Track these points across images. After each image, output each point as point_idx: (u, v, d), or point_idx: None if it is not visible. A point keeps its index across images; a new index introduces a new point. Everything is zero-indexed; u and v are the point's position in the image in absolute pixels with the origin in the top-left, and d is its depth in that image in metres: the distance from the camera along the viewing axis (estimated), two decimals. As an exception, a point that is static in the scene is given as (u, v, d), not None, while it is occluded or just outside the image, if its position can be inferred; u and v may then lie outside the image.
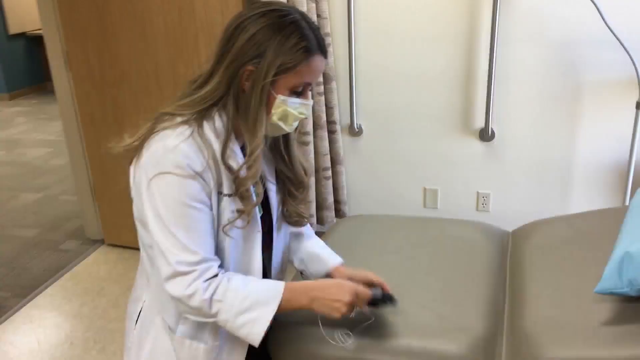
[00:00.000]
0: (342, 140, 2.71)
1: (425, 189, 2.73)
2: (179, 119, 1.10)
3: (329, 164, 2.66)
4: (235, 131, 1.13)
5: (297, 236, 1.41)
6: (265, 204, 1.24)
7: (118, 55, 2.60)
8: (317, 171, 2.65)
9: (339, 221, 1.97)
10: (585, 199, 2.53)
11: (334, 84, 2.56)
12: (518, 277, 1.54)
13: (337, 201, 2.77)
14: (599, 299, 1.28)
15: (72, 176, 3.09)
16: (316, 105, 2.53)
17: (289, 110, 1.12)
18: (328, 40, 2.48)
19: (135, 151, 1.12)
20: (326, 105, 2.58)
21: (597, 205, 2.52)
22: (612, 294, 1.22)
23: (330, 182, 2.68)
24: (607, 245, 1.45)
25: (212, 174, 1.09)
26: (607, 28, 2.08)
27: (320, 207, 2.73)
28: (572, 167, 2.50)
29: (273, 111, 1.11)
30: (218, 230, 1.13)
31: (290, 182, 1.26)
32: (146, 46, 2.54)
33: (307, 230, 1.42)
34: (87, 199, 3.04)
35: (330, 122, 2.62)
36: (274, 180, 1.25)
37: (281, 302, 1.10)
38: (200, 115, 1.11)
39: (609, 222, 1.63)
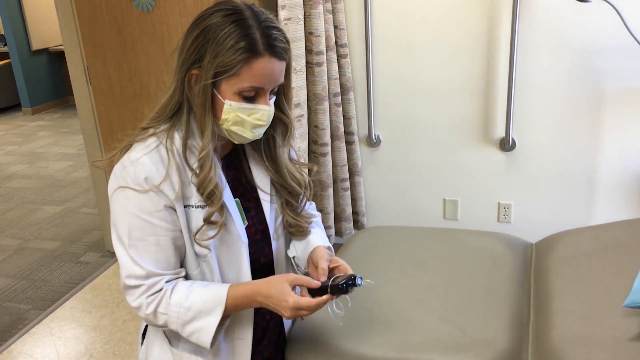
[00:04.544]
0: (360, 151, 2.69)
1: (445, 200, 2.70)
2: (150, 131, 1.13)
3: (347, 175, 2.64)
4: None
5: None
6: (260, 215, 1.22)
7: (137, 70, 2.63)
8: (335, 182, 2.63)
9: (358, 233, 1.95)
10: (609, 209, 2.48)
11: (351, 95, 2.56)
12: (543, 289, 1.50)
13: (355, 212, 2.75)
14: (628, 313, 1.24)
15: (92, 189, 3.12)
16: (334, 116, 2.52)
17: (242, 117, 1.06)
18: (345, 51, 2.48)
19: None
20: (344, 116, 2.57)
21: (621, 215, 2.46)
22: (641, 307, 1.18)
23: (348, 193, 2.67)
24: (634, 257, 1.41)
25: (174, 185, 1.08)
26: (629, 35, 2.04)
27: (338, 218, 2.71)
28: (595, 177, 2.45)
29: (224, 117, 1.07)
30: (192, 242, 1.12)
31: (285, 191, 1.24)
32: (165, 60, 2.56)
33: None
34: (107, 212, 3.06)
35: (347, 133, 2.61)
36: (267, 191, 1.22)
37: (225, 309, 1.10)
38: (170, 125, 1.12)
39: (635, 233, 1.59)
